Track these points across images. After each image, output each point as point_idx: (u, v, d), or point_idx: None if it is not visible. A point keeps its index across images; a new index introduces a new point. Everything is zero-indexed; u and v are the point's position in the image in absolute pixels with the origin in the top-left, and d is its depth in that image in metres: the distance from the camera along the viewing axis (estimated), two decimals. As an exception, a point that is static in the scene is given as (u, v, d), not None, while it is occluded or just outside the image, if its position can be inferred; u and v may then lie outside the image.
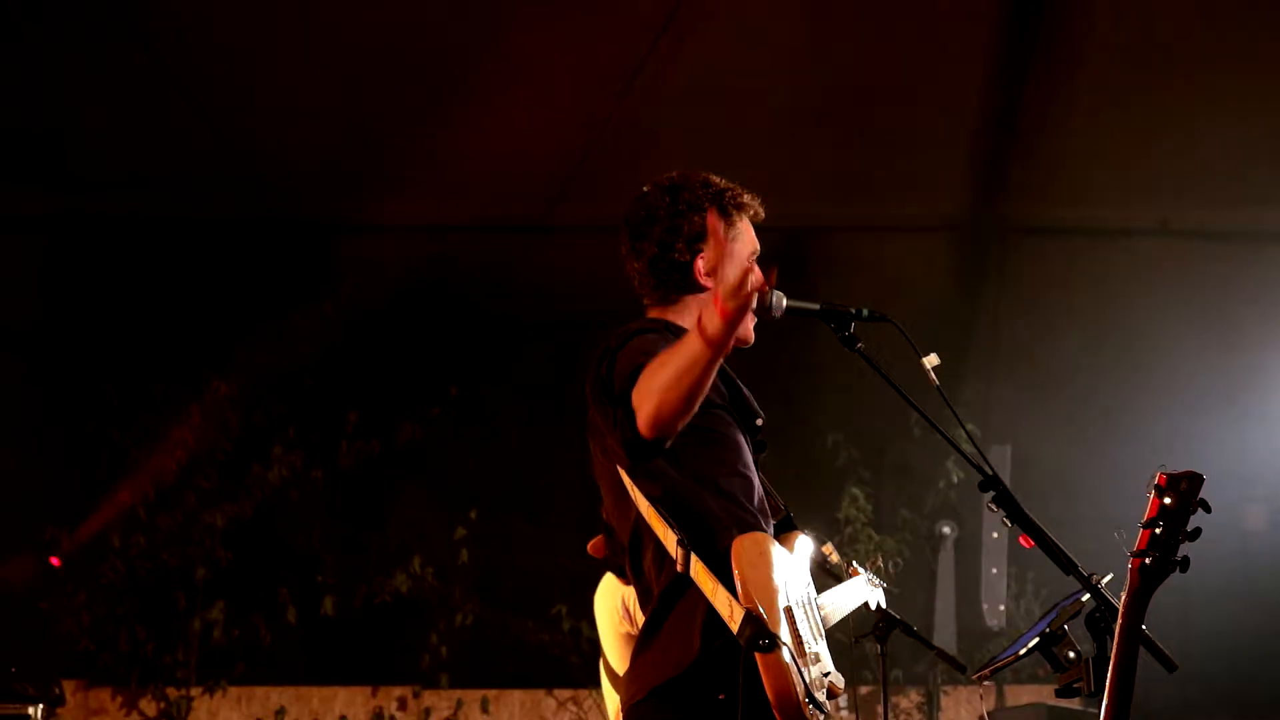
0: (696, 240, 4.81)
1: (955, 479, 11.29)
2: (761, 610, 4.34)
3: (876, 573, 5.82)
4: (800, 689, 4.35)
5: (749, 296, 4.22)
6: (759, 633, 4.31)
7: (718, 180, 4.94)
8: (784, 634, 4.38)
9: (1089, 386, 11.74)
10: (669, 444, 4.44)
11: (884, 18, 10.30)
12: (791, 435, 11.24)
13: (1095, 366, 11.74)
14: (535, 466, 11.44)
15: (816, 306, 4.86)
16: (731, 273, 4.27)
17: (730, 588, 4.39)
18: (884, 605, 5.90)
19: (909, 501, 11.75)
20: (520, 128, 10.58)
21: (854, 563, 5.69)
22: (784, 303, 4.82)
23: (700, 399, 4.35)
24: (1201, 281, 11.49)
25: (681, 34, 9.72)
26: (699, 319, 4.23)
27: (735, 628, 4.34)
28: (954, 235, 11.80)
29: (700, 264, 4.83)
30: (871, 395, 4.90)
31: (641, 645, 4.62)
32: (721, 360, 4.34)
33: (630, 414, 4.39)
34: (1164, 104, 10.68)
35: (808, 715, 4.37)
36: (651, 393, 4.33)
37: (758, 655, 4.32)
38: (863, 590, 5.61)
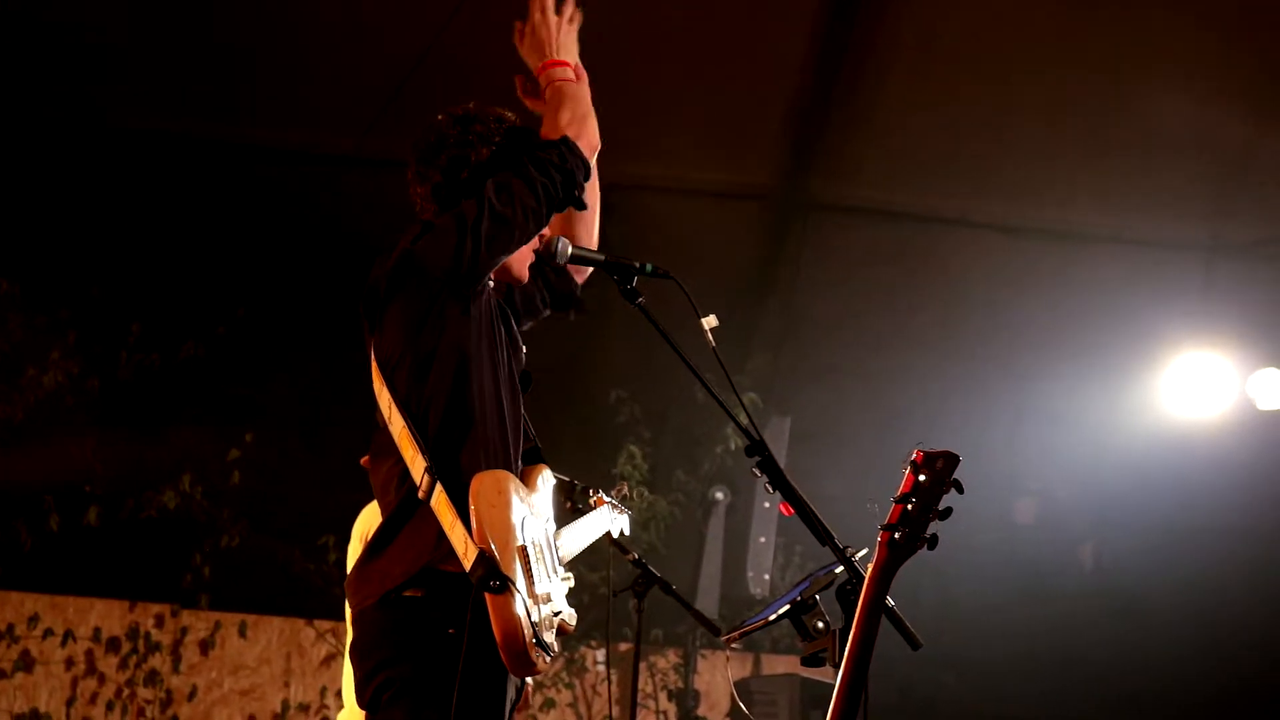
0: (481, 170, 4.78)
1: (734, 445, 11.29)
2: (495, 550, 4.36)
3: (622, 500, 5.83)
4: (528, 631, 4.38)
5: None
6: (490, 573, 4.34)
7: (513, 117, 4.93)
8: (517, 575, 4.40)
9: (875, 368, 11.85)
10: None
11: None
12: (575, 388, 11.25)
13: (884, 349, 11.85)
14: (317, 396, 11.32)
15: (601, 256, 4.87)
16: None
17: (468, 525, 4.39)
18: (627, 532, 5.89)
19: (685, 463, 11.77)
20: (338, 55, 10.48)
21: (599, 491, 5.70)
22: (569, 249, 4.83)
23: None
24: (996, 276, 11.65)
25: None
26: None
27: (468, 566, 4.35)
28: (760, 205, 11.85)
29: (488, 190, 4.79)
30: (660, 355, 4.88)
31: (373, 550, 4.61)
32: None
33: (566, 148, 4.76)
34: (974, 100, 10.88)
35: (533, 657, 4.41)
36: (580, 119, 4.87)
37: (487, 596, 4.34)
38: (605, 520, 5.62)
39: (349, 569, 5.44)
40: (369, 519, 5.54)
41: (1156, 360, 11.69)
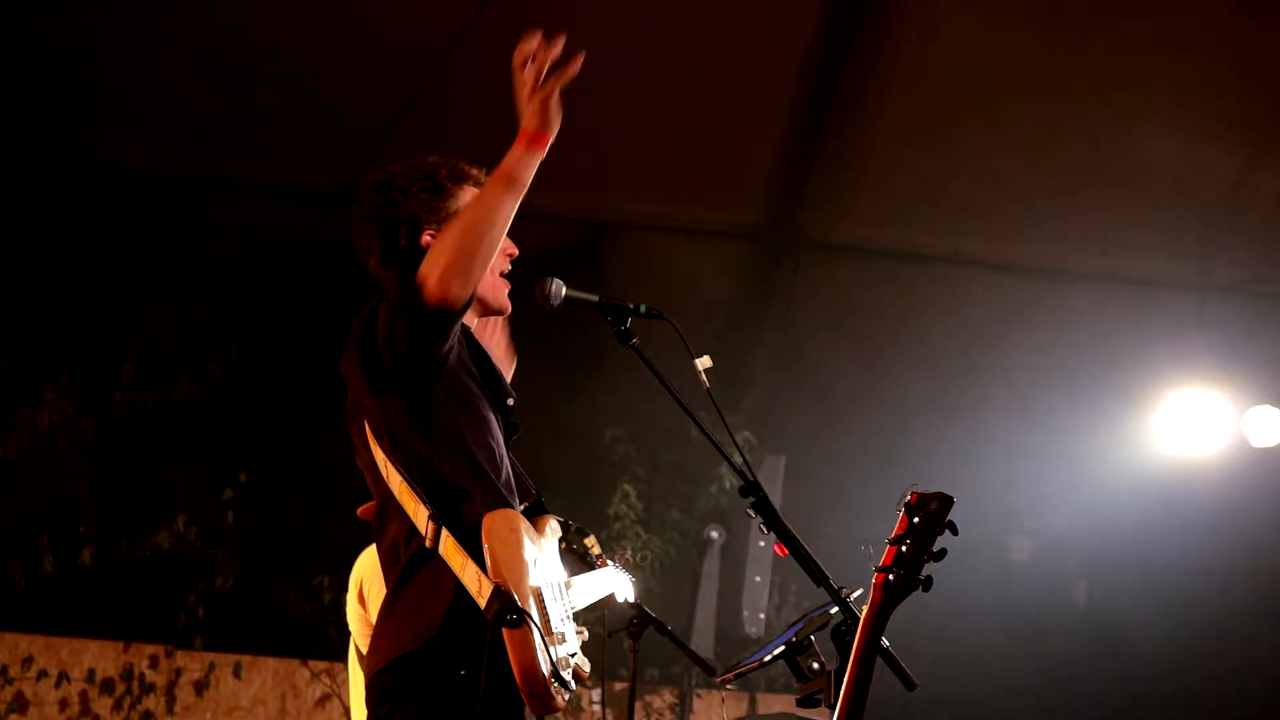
0: (415, 221, 4.74)
1: (728, 485, 11.29)
2: (510, 586, 4.32)
3: (625, 565, 5.82)
4: (547, 666, 4.33)
5: (550, 93, 4.42)
6: (507, 607, 4.28)
7: (434, 159, 4.85)
8: (533, 611, 4.36)
9: (869, 407, 11.85)
10: (451, 332, 4.48)
11: (701, 25, 10.38)
12: (570, 428, 11.24)
13: (877, 388, 11.85)
14: (310, 435, 11.31)
15: (595, 298, 4.85)
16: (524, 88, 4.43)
17: (480, 563, 4.36)
18: (631, 599, 5.89)
19: (680, 503, 11.75)
20: (332, 94, 10.51)
21: (602, 554, 5.70)
22: (563, 291, 4.82)
23: (496, 249, 4.47)
24: (987, 312, 11.67)
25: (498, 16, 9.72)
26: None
27: (483, 603, 4.31)
28: (751, 244, 11.87)
29: (427, 239, 4.74)
30: (654, 394, 4.89)
31: (384, 617, 4.57)
32: (518, 200, 4.44)
33: (413, 291, 4.40)
34: (965, 137, 10.89)
35: (553, 692, 4.36)
36: (444, 249, 4.41)
37: (505, 630, 4.29)
38: (611, 581, 5.61)
39: (348, 615, 5.42)
40: (365, 565, 5.52)
41: (1151, 398, 11.69)
